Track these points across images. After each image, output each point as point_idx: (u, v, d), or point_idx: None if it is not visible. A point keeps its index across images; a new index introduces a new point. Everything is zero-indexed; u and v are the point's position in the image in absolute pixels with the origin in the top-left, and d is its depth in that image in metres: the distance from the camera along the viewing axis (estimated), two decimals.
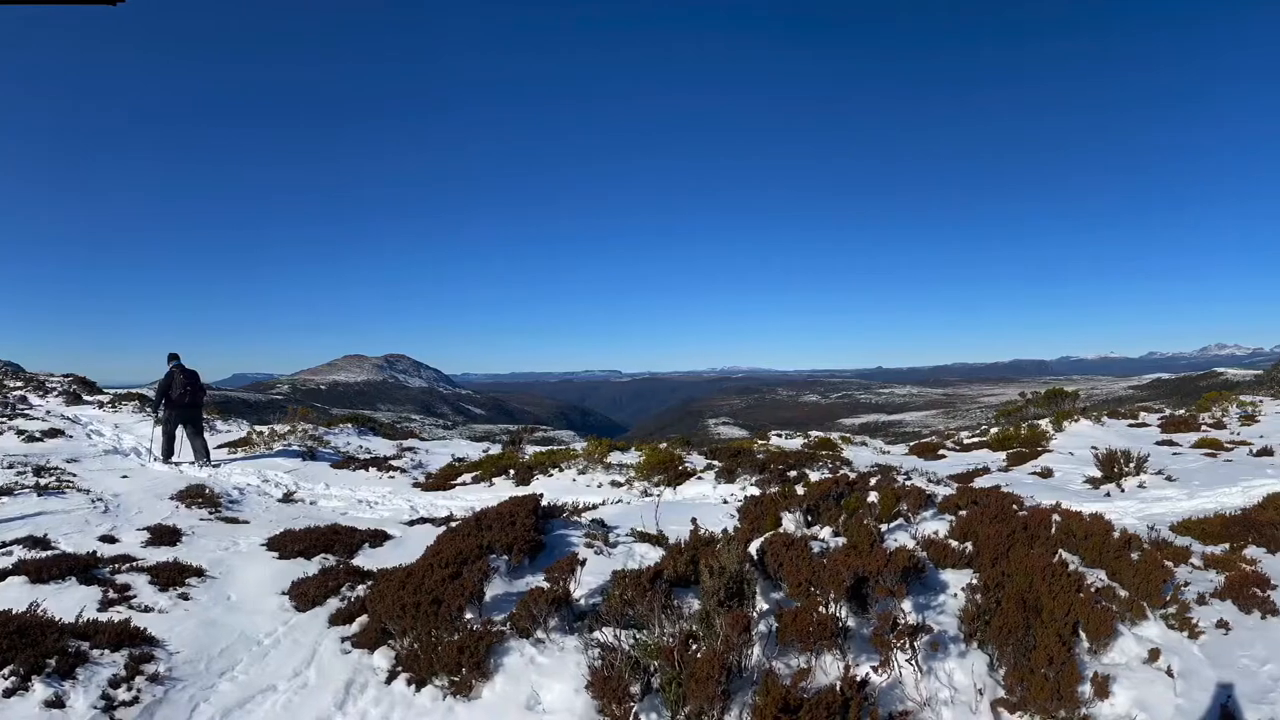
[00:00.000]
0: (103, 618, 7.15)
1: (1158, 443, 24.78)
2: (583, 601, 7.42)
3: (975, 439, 28.92)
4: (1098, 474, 17.82)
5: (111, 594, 7.91)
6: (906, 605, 6.89)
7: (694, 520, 8.97)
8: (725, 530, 8.88)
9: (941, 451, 26.41)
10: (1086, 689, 6.20)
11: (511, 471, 18.03)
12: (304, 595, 8.13)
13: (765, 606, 7.07)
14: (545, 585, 7.29)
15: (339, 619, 7.55)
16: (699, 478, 16.94)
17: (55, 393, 30.26)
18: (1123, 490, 16.70)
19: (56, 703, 5.55)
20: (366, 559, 9.94)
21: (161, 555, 9.48)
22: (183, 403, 18.12)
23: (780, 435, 29.70)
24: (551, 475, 17.80)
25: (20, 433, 20.01)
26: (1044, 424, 28.63)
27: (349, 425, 25.91)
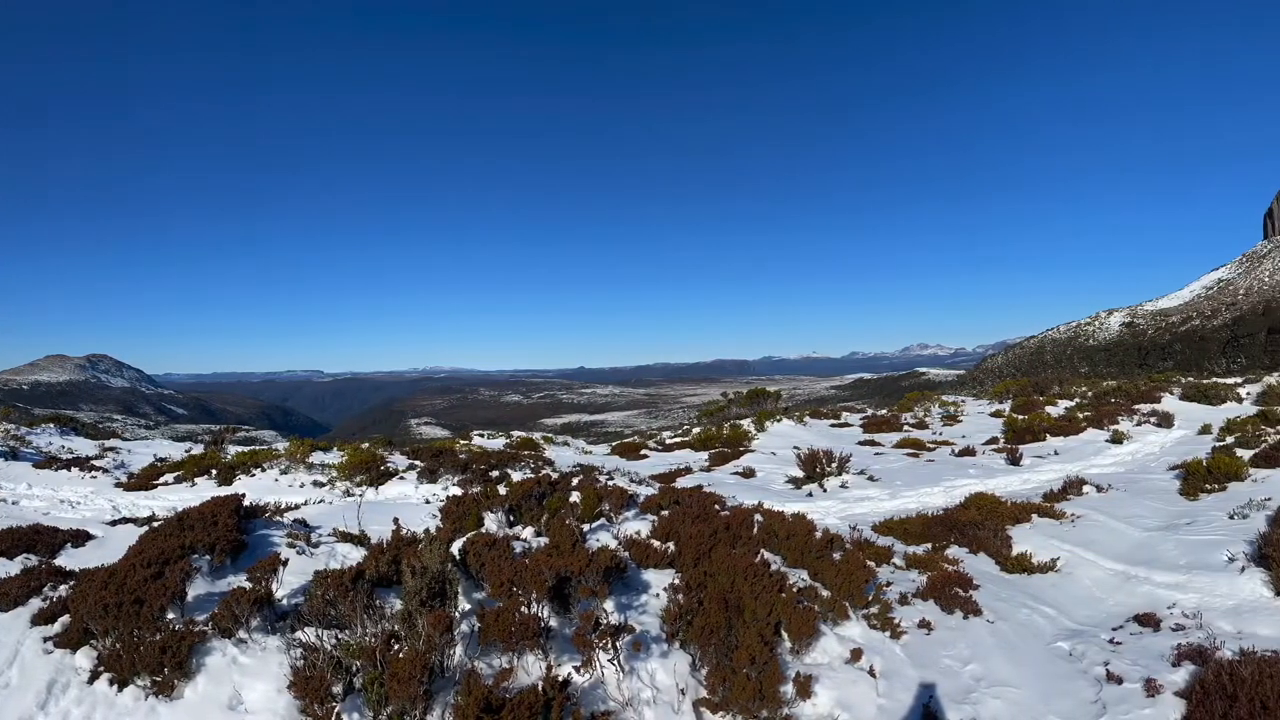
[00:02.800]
0: None
1: (860, 443, 27.34)
2: (285, 601, 7.66)
3: (678, 439, 30.87)
4: (800, 474, 19.48)
5: None
6: (609, 605, 7.41)
7: (396, 520, 9.39)
8: (428, 530, 9.28)
9: (644, 451, 28.13)
10: (789, 689, 6.92)
11: (214, 471, 18.82)
12: (5, 595, 8.10)
13: (468, 606, 7.43)
14: (248, 585, 7.51)
15: (41, 619, 7.58)
16: (401, 478, 17.94)
17: None
18: (825, 490, 18.37)
19: None
20: (69, 559, 10.11)
21: None
22: None
23: (483, 435, 31.44)
24: (254, 475, 18.71)
25: None
26: (746, 424, 30.76)
27: (51, 425, 27.19)
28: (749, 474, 21.23)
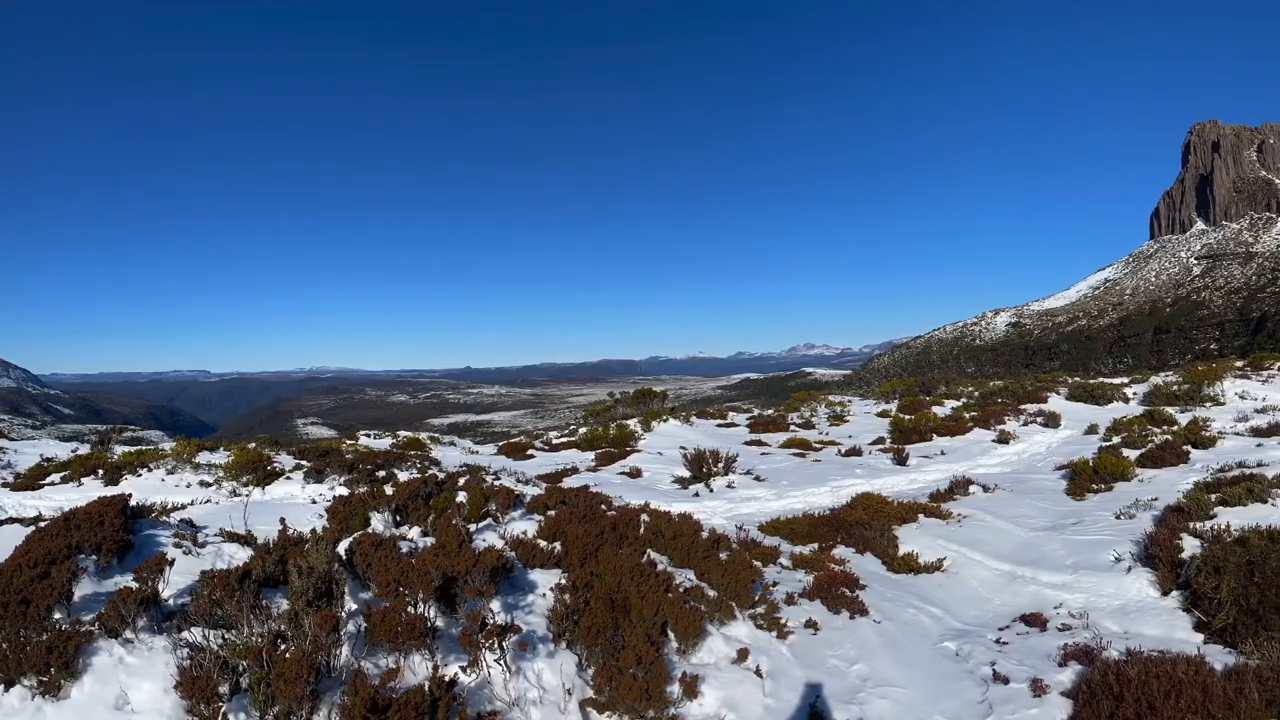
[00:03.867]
0: None
1: (747, 443, 27.85)
2: (172, 601, 7.65)
3: (564, 439, 31.29)
4: (687, 474, 19.86)
5: None
6: (495, 605, 7.55)
7: (283, 520, 9.44)
8: (314, 530, 9.34)
9: (530, 451, 28.46)
10: (675, 689, 7.13)
11: (100, 471, 18.93)
12: None
13: (354, 606, 7.52)
14: (134, 585, 7.47)
15: None
16: (288, 478, 18.11)
17: None
18: (712, 490, 18.75)
19: None
20: None
21: None
22: None
23: (369, 435, 31.67)
24: (141, 475, 18.77)
25: None
26: (633, 424, 31.18)
27: None
28: (635, 474, 21.62)
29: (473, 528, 10.03)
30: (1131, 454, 20.87)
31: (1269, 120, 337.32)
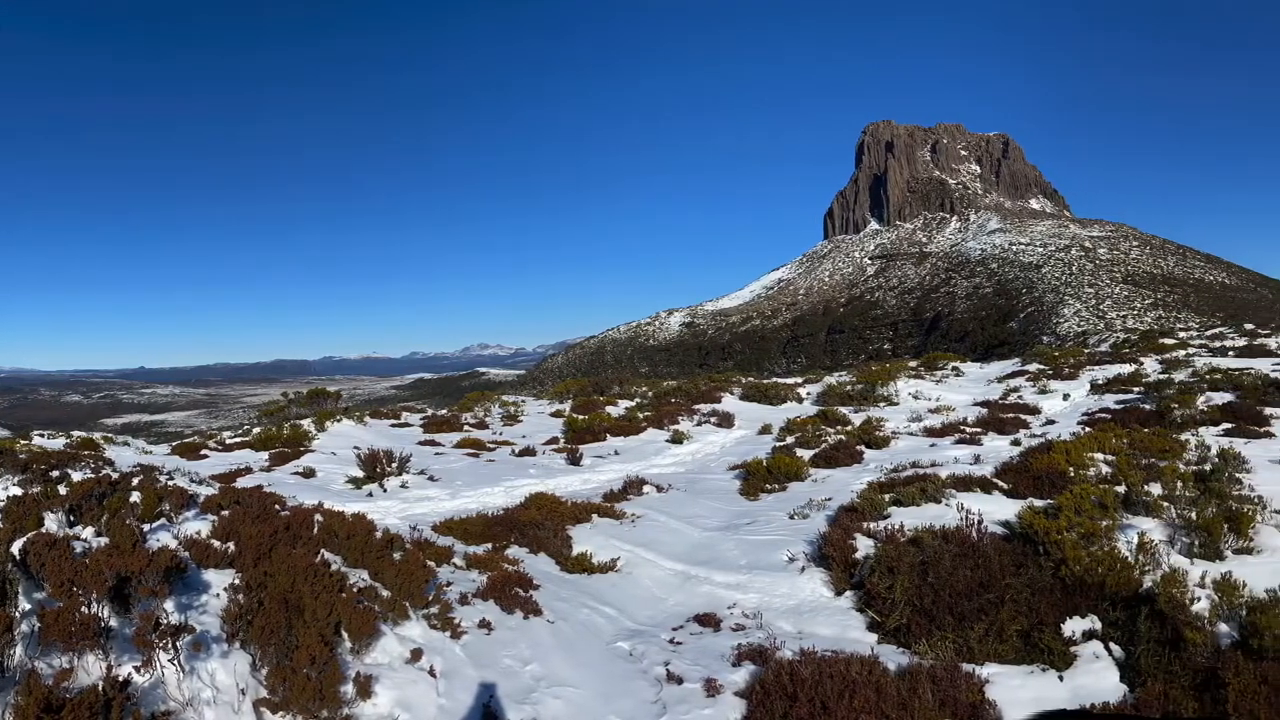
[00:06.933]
0: None
1: (421, 442, 28.22)
2: None
3: (238, 439, 31.03)
4: (361, 474, 20.14)
5: None
6: (169, 605, 7.66)
7: None
8: None
9: (204, 452, 28.06)
10: (349, 689, 7.50)
11: None
12: None
13: (28, 606, 7.42)
14: None
15: None
16: None
17: None
18: (385, 490, 19.09)
19: None
20: None
21: None
22: None
23: (43, 435, 30.90)
24: None
25: None
26: (306, 424, 31.11)
27: None
28: (310, 474, 21.67)
29: (147, 528, 10.04)
30: (806, 454, 22.25)
31: (942, 120, 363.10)
